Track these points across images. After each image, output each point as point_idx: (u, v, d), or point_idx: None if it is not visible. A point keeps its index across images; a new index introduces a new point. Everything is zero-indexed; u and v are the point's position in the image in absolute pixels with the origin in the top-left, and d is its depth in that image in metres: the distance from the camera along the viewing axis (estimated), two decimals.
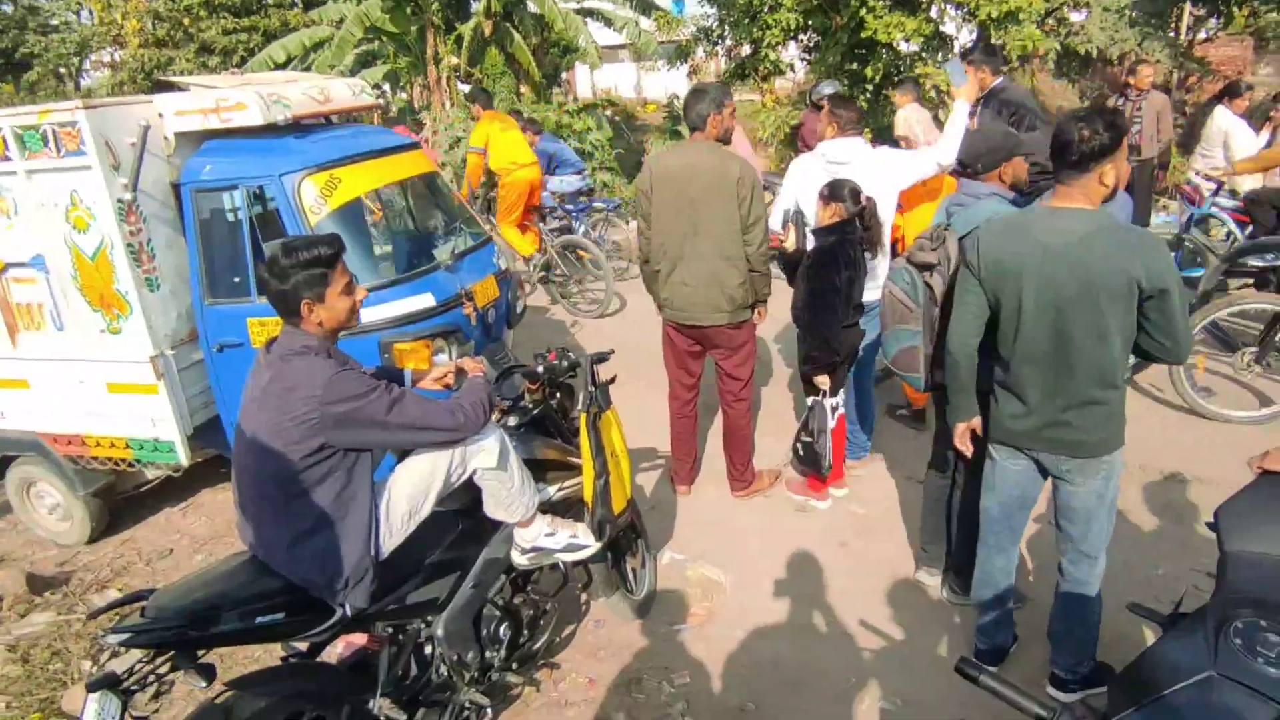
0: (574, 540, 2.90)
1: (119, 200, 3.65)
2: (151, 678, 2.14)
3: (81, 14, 20.65)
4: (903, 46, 10.70)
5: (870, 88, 10.73)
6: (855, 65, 10.87)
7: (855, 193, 3.76)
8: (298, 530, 2.31)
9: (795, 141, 6.53)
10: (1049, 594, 2.94)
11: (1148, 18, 10.40)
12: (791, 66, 12.91)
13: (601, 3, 15.25)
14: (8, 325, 4.05)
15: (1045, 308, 2.45)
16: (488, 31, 13.32)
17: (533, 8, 13.96)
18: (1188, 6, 12.57)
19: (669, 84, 18.53)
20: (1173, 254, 6.31)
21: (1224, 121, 7.33)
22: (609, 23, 15.11)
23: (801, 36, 11.75)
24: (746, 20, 11.30)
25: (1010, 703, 1.47)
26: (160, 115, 3.86)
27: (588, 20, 14.64)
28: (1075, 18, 10.91)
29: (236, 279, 3.96)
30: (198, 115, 3.86)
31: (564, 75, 21.06)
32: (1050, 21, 10.60)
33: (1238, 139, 6.81)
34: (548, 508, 2.94)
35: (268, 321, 3.81)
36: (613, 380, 3.19)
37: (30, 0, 20.91)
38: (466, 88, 14.15)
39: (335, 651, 2.99)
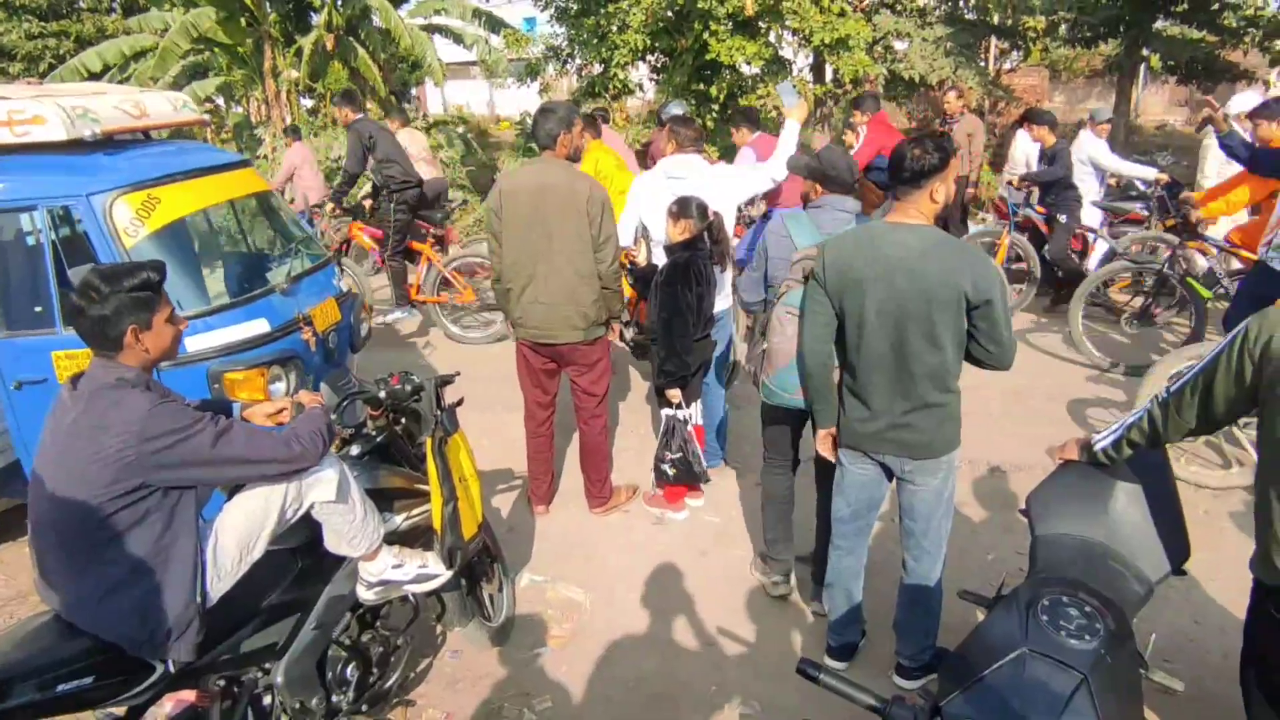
0: (424, 570, 2.78)
1: None
2: None
3: None
4: (744, 69, 11.14)
5: (715, 107, 11.09)
6: (701, 85, 11.23)
7: (703, 208, 3.84)
8: (111, 582, 2.11)
9: (645, 159, 6.64)
10: (892, 588, 3.08)
11: (960, 48, 11.34)
12: (641, 86, 13.18)
13: (450, 19, 15.04)
14: None
15: (886, 316, 2.57)
16: (330, 45, 12.85)
17: (378, 22, 13.59)
18: (993, 40, 13.79)
19: (521, 101, 18.46)
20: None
21: (1024, 144, 8.07)
22: (459, 39, 14.93)
23: (650, 57, 12.03)
24: (595, 40, 11.46)
25: (847, 697, 1.52)
26: None
27: (435, 36, 14.40)
28: (899, 46, 11.74)
29: (38, 308, 3.59)
30: None
31: (413, 91, 20.63)
32: (878, 49, 11.34)
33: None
34: (395, 538, 2.81)
35: (76, 354, 3.47)
36: (459, 403, 3.10)
37: None
38: (309, 102, 13.59)
39: (163, 712, 2.74)
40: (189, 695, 2.55)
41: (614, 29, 11.11)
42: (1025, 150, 8.11)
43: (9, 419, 3.64)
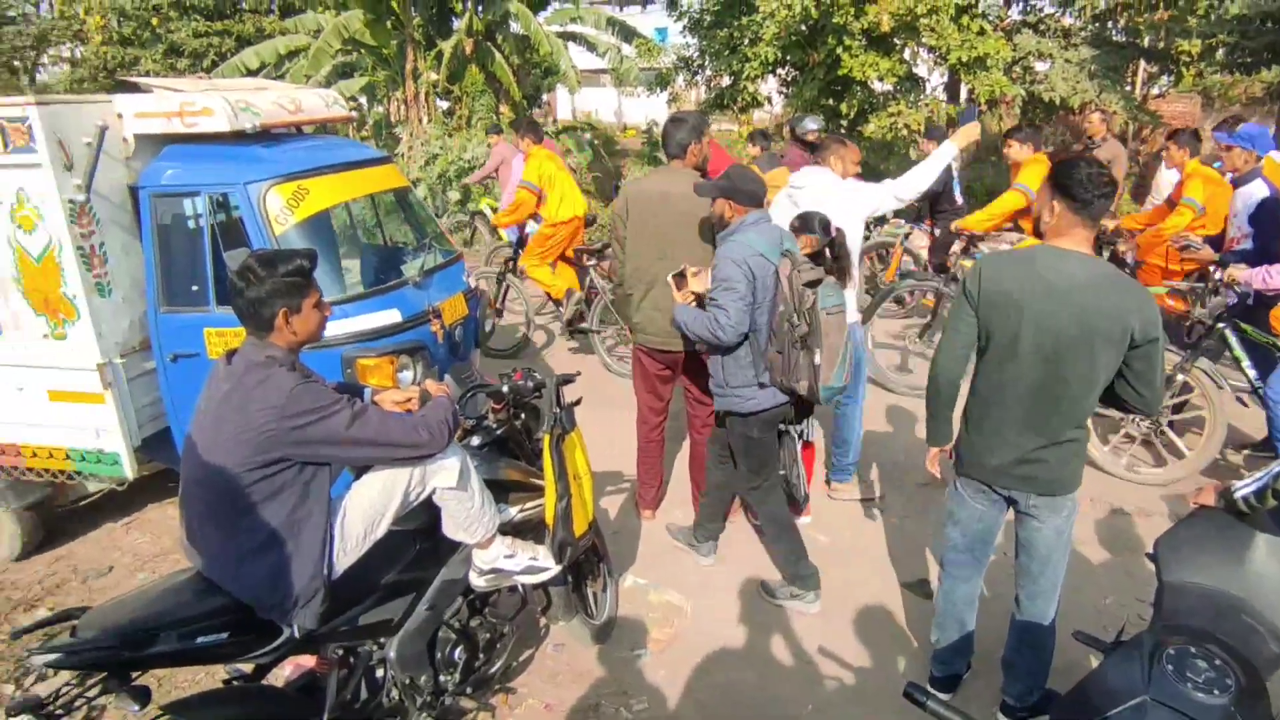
0: (534, 562, 2.84)
1: (70, 201, 3.53)
2: (80, 701, 2.04)
3: (41, 6, 20.24)
4: (876, 85, 10.93)
5: (845, 123, 10.92)
6: (830, 101, 11.07)
7: (825, 224, 3.77)
8: (248, 547, 2.23)
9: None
10: (996, 622, 2.95)
11: (1106, 70, 10.78)
12: (769, 99, 13.12)
13: (585, 27, 15.40)
14: None
15: (1041, 346, 2.45)
16: (469, 50, 13.33)
17: (516, 28, 14.03)
18: (1141, 63, 13.04)
19: (649, 110, 18.71)
20: None
21: (1168, 173, 7.56)
22: (592, 47, 15.28)
23: (780, 71, 11.95)
24: (727, 52, 11.48)
25: None
26: (120, 116, 3.76)
27: (570, 44, 14.77)
28: (1040, 67, 11.27)
29: (195, 287, 3.85)
30: (160, 119, 3.77)
31: (544, 97, 21.17)
32: (1017, 70, 10.91)
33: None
34: (508, 529, 2.88)
35: (226, 332, 3.71)
36: (578, 402, 3.15)
37: None
38: (445, 104, 14.13)
39: (283, 674, 2.88)
40: (309, 660, 2.68)
41: (746, 41, 11.10)
42: (1168, 180, 7.59)
43: (163, 389, 3.91)
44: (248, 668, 2.52)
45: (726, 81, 12.11)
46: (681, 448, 4.82)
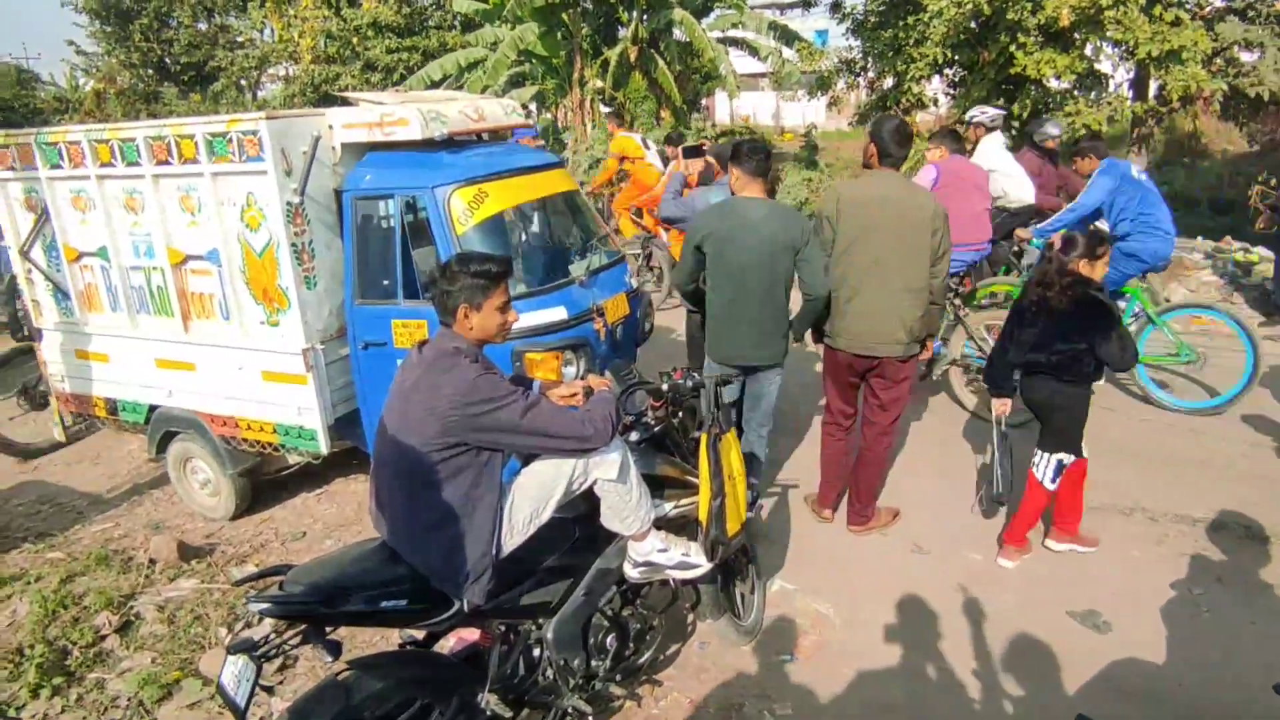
0: (686, 558, 2.91)
1: (288, 203, 3.95)
2: (282, 649, 2.27)
3: (265, 32, 22.51)
4: (1053, 83, 10.30)
5: (1016, 125, 10.37)
6: (1001, 101, 10.53)
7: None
8: (427, 521, 2.43)
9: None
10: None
11: None
12: (935, 100, 12.65)
13: (746, 32, 15.44)
14: (182, 312, 4.42)
15: None
16: (633, 57, 13.68)
17: (680, 35, 14.25)
18: None
19: (806, 113, 18.49)
20: None
21: None
22: (754, 52, 15.29)
23: (947, 70, 11.50)
24: (891, 53, 11.17)
25: None
26: (330, 127, 4.16)
27: (730, 49, 14.84)
28: (1247, 58, 10.21)
29: (385, 281, 4.20)
30: (363, 129, 4.14)
31: (703, 101, 21.34)
32: (1218, 61, 9.95)
33: None
34: (662, 524, 2.97)
35: (410, 324, 4.03)
36: (735, 404, 3.20)
37: (222, 20, 22.97)
38: (608, 109, 14.56)
39: (448, 645, 3.09)
40: (473, 634, 2.88)
41: (911, 41, 10.75)
42: None
43: (355, 373, 4.29)
44: (419, 635, 2.74)
45: (889, 83, 11.77)
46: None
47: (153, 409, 4.76)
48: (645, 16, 13.95)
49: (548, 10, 13.31)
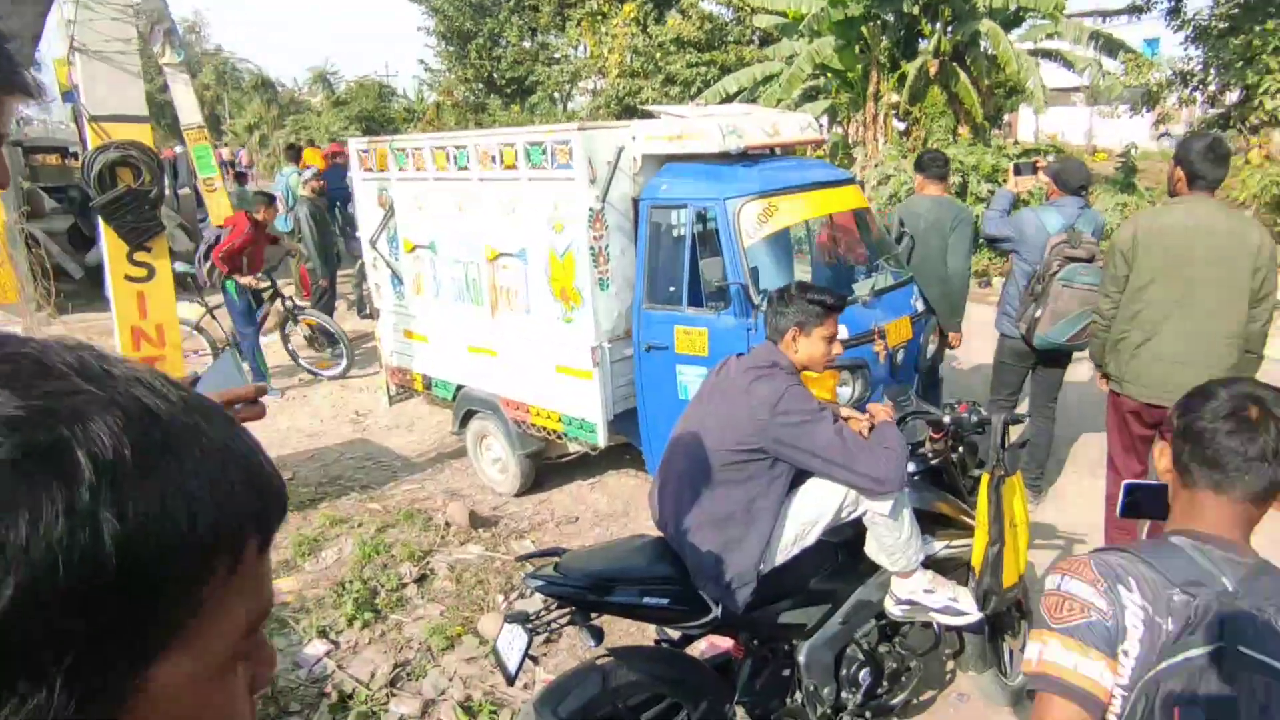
0: (953, 603, 2.73)
1: (590, 209, 4.23)
2: (551, 625, 2.43)
3: (579, 48, 24.50)
4: None
5: None
6: None
7: None
8: (710, 517, 2.50)
9: None
10: None
11: None
12: None
13: (1062, 43, 14.11)
14: (491, 303, 4.91)
15: None
16: (932, 71, 13.07)
17: (986, 47, 13.39)
18: None
19: (1124, 132, 16.50)
20: None
21: None
22: (1069, 64, 13.95)
23: None
24: (1241, 63, 9.70)
25: None
26: (633, 138, 4.40)
27: (1042, 61, 13.67)
28: None
29: (672, 288, 4.37)
30: (663, 140, 4.34)
31: (1005, 117, 19.90)
32: None
33: None
34: (930, 563, 2.81)
35: (691, 331, 4.15)
36: (1022, 445, 2.94)
37: (543, 38, 25.34)
38: (902, 125, 14.04)
39: (699, 648, 3.15)
40: (726, 642, 2.90)
41: (1269, 49, 9.25)
42: None
43: (636, 373, 4.51)
44: (675, 635, 2.81)
45: (1234, 97, 10.21)
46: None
47: (459, 388, 5.32)
48: (950, 29, 13.26)
49: (847, 24, 13.09)
